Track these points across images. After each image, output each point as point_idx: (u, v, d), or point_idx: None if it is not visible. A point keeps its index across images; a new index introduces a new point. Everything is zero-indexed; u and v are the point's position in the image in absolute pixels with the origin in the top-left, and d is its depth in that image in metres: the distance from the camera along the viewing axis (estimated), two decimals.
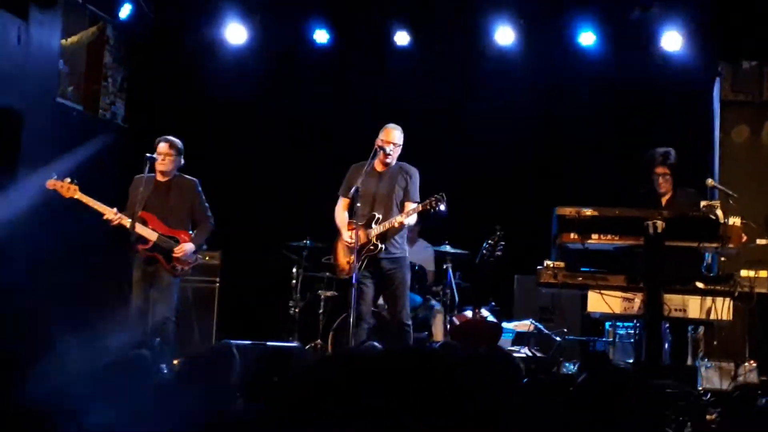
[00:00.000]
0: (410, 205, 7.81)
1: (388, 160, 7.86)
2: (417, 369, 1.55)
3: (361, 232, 7.64)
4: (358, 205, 7.70)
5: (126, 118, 11.38)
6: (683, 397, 6.02)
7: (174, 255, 7.86)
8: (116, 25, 11.06)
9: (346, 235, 7.81)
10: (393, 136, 7.90)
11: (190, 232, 8.08)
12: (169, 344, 7.44)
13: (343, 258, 7.95)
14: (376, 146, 7.82)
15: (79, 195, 7.85)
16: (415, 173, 7.97)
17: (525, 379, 3.71)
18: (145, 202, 7.88)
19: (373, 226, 7.72)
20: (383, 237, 7.75)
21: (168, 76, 11.33)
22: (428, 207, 7.61)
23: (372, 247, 7.70)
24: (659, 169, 7.79)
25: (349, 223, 7.79)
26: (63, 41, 10.23)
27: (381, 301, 8.32)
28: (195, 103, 11.18)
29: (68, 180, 7.90)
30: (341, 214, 7.99)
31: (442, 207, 7.57)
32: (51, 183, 7.92)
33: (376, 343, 5.37)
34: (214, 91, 11.20)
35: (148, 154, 7.96)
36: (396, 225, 7.72)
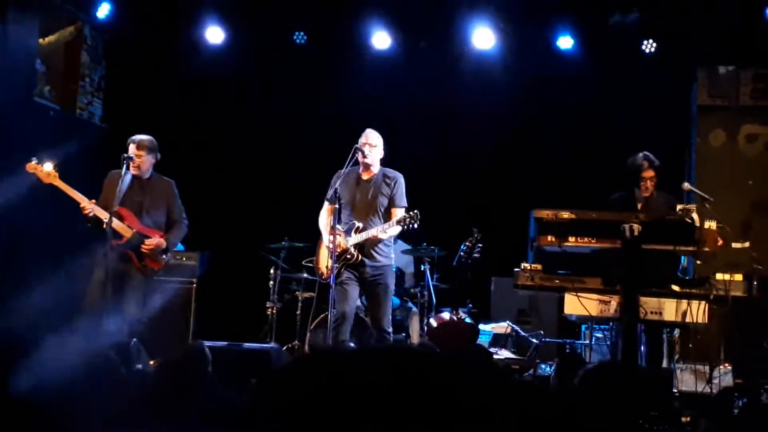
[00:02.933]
0: (396, 212, 7.78)
1: (367, 161, 7.84)
2: (395, 367, 1.55)
3: (341, 239, 7.63)
4: (342, 211, 7.72)
5: (103, 117, 11.34)
6: (660, 398, 6.07)
7: (143, 248, 7.82)
8: (94, 25, 11.03)
9: (326, 241, 7.79)
10: (369, 138, 7.90)
11: (164, 232, 8.05)
12: (143, 345, 7.39)
13: (323, 262, 7.93)
14: (354, 149, 7.80)
15: (57, 182, 7.79)
16: (399, 179, 7.95)
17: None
18: (122, 198, 7.84)
19: (352, 234, 7.70)
20: (362, 246, 7.72)
21: (146, 76, 11.30)
22: (403, 225, 7.60)
23: (349, 256, 7.68)
24: (647, 173, 7.83)
25: (333, 229, 7.77)
26: (40, 41, 10.19)
27: (358, 303, 8.32)
28: (173, 103, 11.16)
29: (48, 166, 7.85)
30: (324, 219, 7.97)
31: (416, 225, 7.57)
32: (31, 166, 7.86)
33: (351, 344, 5.38)
34: (192, 92, 11.19)
35: (125, 154, 7.93)
36: (373, 238, 7.70)
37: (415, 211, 7.57)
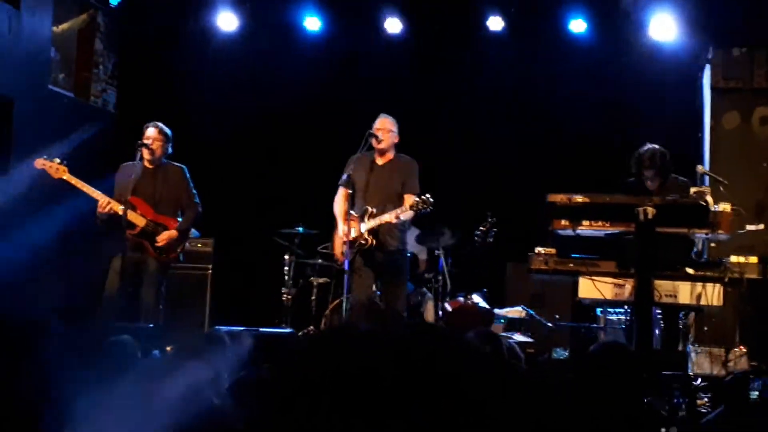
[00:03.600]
0: (409, 198, 7.78)
1: (381, 146, 7.85)
2: (401, 354, 1.55)
3: (355, 225, 7.65)
4: (356, 196, 7.75)
5: (117, 105, 11.37)
6: (676, 380, 6.08)
7: (157, 243, 7.86)
8: (107, 12, 11.04)
9: (341, 227, 7.81)
10: (383, 123, 7.90)
11: (179, 219, 8.08)
12: (160, 330, 7.45)
13: (339, 248, 7.95)
14: (367, 134, 7.81)
15: (67, 176, 7.82)
16: (413, 165, 7.96)
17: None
18: (134, 187, 7.86)
19: (366, 220, 7.72)
20: (376, 232, 7.74)
21: (159, 64, 11.32)
22: (416, 210, 7.61)
23: (363, 242, 7.70)
24: (647, 172, 7.78)
25: (347, 214, 7.79)
26: (54, 28, 10.22)
27: (374, 288, 8.35)
28: (186, 90, 11.17)
29: (57, 160, 7.87)
30: (339, 205, 7.97)
31: (429, 210, 7.58)
32: (40, 162, 7.90)
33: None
34: (206, 78, 11.20)
35: (139, 141, 7.96)
36: (387, 223, 7.70)
37: (427, 196, 7.58)
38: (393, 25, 11.11)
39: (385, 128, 7.88)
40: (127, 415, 2.80)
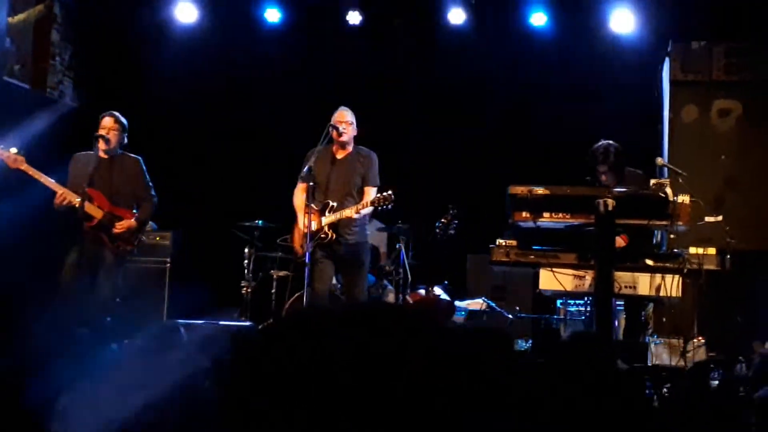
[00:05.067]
0: (369, 191, 7.78)
1: (342, 139, 7.81)
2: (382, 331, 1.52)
3: (315, 218, 7.62)
4: (316, 190, 7.72)
5: (74, 96, 11.23)
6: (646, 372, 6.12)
7: (114, 231, 7.76)
8: (64, 3, 10.90)
9: (301, 220, 7.78)
10: (343, 115, 7.88)
11: (135, 211, 7.98)
12: (117, 324, 7.36)
13: (298, 241, 7.92)
14: (328, 127, 7.77)
15: (25, 166, 7.69)
16: (373, 157, 7.94)
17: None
18: (90, 179, 7.75)
19: (326, 214, 7.70)
20: (336, 225, 7.72)
21: (117, 55, 11.21)
22: (377, 205, 7.61)
23: (323, 235, 7.67)
24: (600, 168, 7.79)
25: (307, 208, 7.75)
26: (9, 19, 10.06)
27: (334, 281, 8.32)
28: (144, 81, 11.07)
29: (14, 150, 7.75)
30: (299, 198, 7.93)
31: (389, 207, 7.58)
32: None
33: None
34: (164, 70, 11.10)
35: (96, 133, 7.86)
36: (347, 217, 7.69)
37: (389, 193, 7.57)
38: (353, 17, 11.06)
39: (346, 121, 7.85)
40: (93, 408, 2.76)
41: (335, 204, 7.72)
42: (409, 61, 11.24)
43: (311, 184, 7.63)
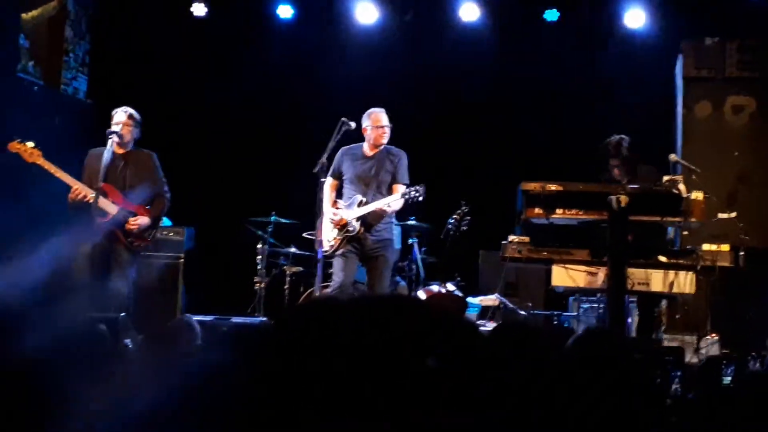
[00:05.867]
0: (399, 188, 7.86)
1: (384, 141, 7.98)
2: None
3: (342, 212, 7.75)
4: (344, 187, 7.80)
5: (88, 93, 11.27)
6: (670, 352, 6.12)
7: (127, 227, 7.78)
8: None
9: (330, 213, 7.87)
10: (386, 119, 8.04)
11: (148, 207, 8.00)
12: (131, 320, 7.38)
13: (324, 235, 7.97)
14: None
15: (41, 161, 7.72)
16: (403, 156, 8.06)
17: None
18: (104, 174, 7.78)
19: (354, 208, 7.79)
20: (364, 219, 7.80)
21: (130, 51, 11.23)
22: (408, 199, 7.70)
23: (351, 229, 7.76)
24: (613, 161, 7.77)
25: (335, 203, 7.89)
26: (23, 15, 10.10)
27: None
28: (158, 77, 11.09)
29: (31, 144, 7.78)
30: (327, 194, 8.02)
31: (420, 198, 7.67)
32: (14, 145, 7.79)
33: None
34: (177, 65, 11.12)
35: (110, 130, 7.88)
36: (376, 212, 7.79)
37: (421, 185, 7.66)
38: (367, 13, 11.07)
39: (389, 125, 8.04)
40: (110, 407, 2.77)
41: (365, 199, 7.82)
42: (422, 58, 11.22)
43: (338, 182, 7.82)
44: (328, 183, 8.04)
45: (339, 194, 8.08)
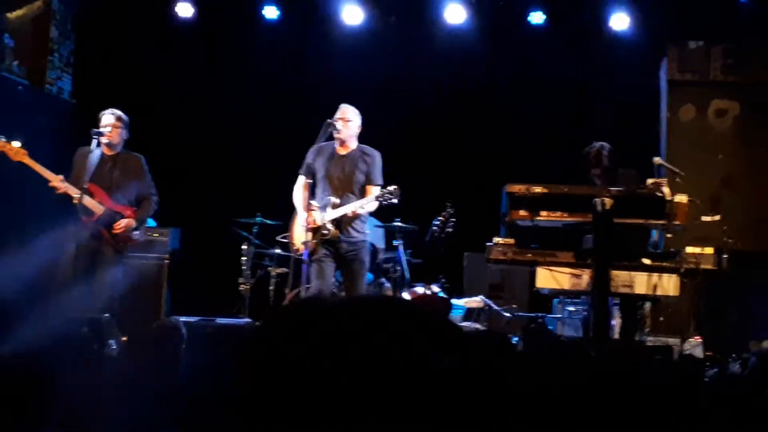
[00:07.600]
0: (372, 190, 7.74)
1: (340, 136, 7.77)
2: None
3: (317, 215, 7.60)
4: (317, 186, 7.71)
5: (73, 92, 11.24)
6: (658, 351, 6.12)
7: (114, 230, 7.77)
8: None
9: (302, 216, 7.74)
10: (344, 113, 7.84)
11: (135, 208, 7.99)
12: (116, 321, 7.36)
13: (298, 238, 7.89)
14: (324, 123, 7.74)
15: (27, 159, 7.71)
16: (376, 156, 7.89)
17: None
18: (92, 174, 7.77)
19: (328, 210, 7.66)
20: (339, 222, 7.69)
21: (115, 51, 11.20)
22: (381, 201, 7.57)
23: (325, 232, 7.64)
24: (594, 170, 7.79)
25: (309, 204, 7.73)
26: (8, 15, 10.06)
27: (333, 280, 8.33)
28: (143, 77, 11.06)
29: (17, 143, 7.76)
30: (299, 194, 7.89)
31: (395, 201, 7.56)
32: None
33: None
34: (163, 66, 11.10)
35: (94, 130, 7.86)
36: (350, 214, 7.66)
37: (395, 187, 7.54)
38: (352, 15, 11.07)
39: (345, 118, 7.81)
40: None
41: (338, 201, 7.69)
42: (407, 60, 11.23)
43: (310, 181, 7.63)
44: (300, 183, 7.89)
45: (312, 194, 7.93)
